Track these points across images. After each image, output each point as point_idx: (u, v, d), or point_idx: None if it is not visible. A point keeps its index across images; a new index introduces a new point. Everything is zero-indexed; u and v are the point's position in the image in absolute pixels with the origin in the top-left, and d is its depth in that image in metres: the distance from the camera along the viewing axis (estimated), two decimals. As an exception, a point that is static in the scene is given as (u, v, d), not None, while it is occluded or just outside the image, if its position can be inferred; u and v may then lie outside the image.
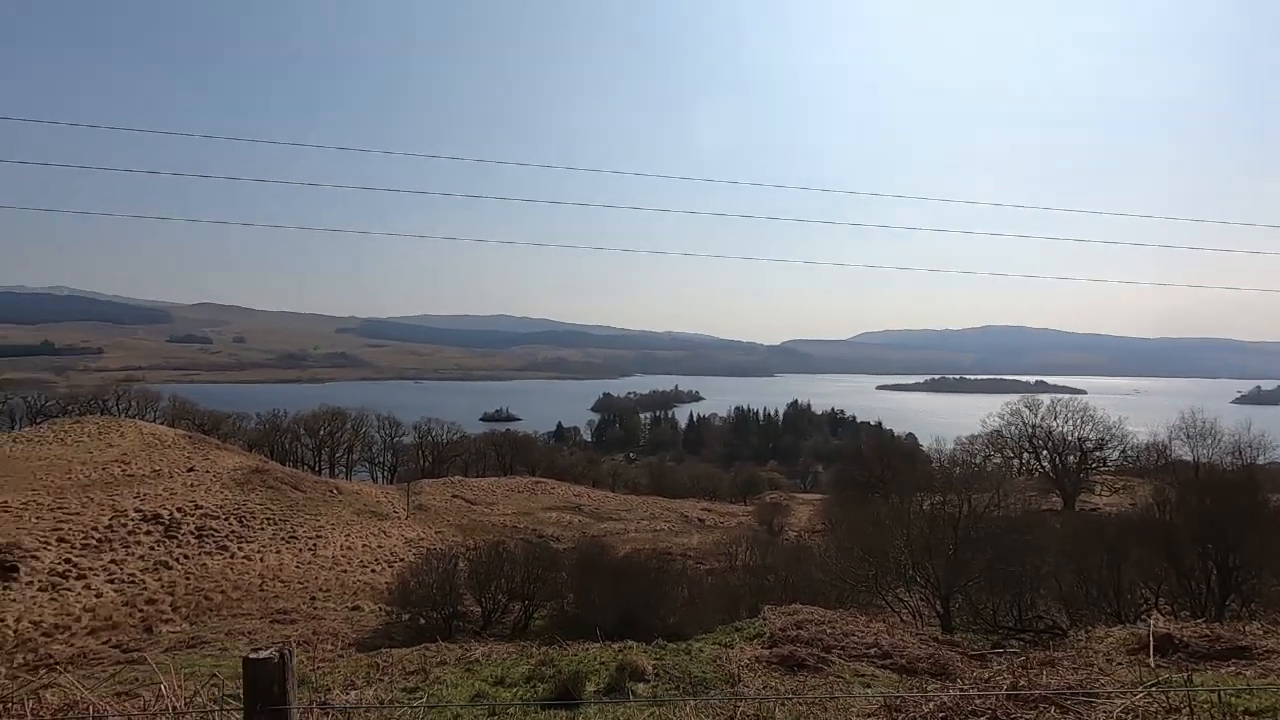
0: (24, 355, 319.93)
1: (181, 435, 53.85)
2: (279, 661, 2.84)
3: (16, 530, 29.72)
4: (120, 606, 26.16)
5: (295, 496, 42.98)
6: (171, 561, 30.51)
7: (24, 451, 44.70)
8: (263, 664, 2.82)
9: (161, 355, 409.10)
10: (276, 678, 2.81)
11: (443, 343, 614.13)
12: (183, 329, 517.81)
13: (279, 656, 2.85)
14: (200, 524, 34.34)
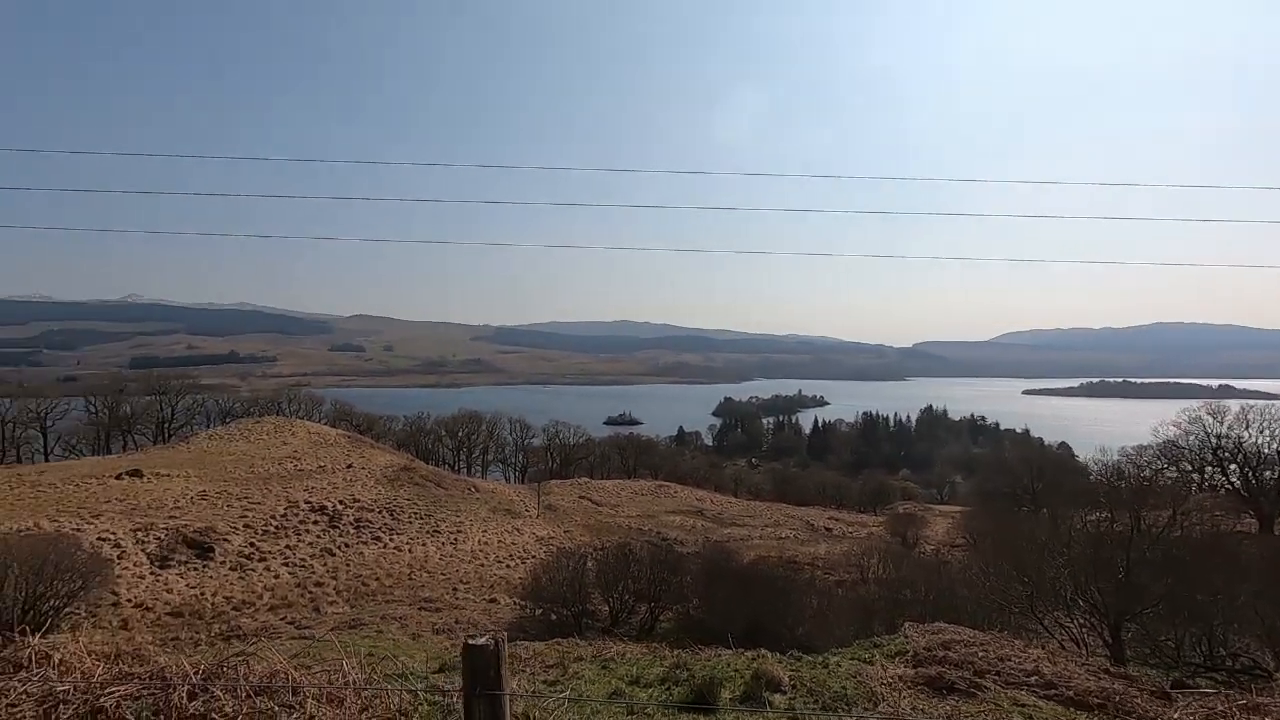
0: (216, 363, 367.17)
1: (342, 435, 59.47)
2: (494, 649, 3.07)
3: (213, 516, 34.07)
4: (293, 588, 29.23)
5: (438, 493, 46.12)
6: (335, 549, 33.69)
7: (217, 447, 51.22)
8: (480, 650, 3.06)
9: (324, 362, 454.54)
10: (492, 663, 3.04)
11: (570, 349, 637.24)
12: (342, 338, 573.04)
13: (494, 644, 3.09)
14: (358, 516, 37.68)
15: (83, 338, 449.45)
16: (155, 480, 39.36)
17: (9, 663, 5.24)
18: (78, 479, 38.86)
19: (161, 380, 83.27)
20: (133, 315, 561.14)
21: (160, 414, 75.67)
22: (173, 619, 25.02)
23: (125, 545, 29.20)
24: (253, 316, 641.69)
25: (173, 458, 47.26)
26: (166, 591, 26.95)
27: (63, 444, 70.26)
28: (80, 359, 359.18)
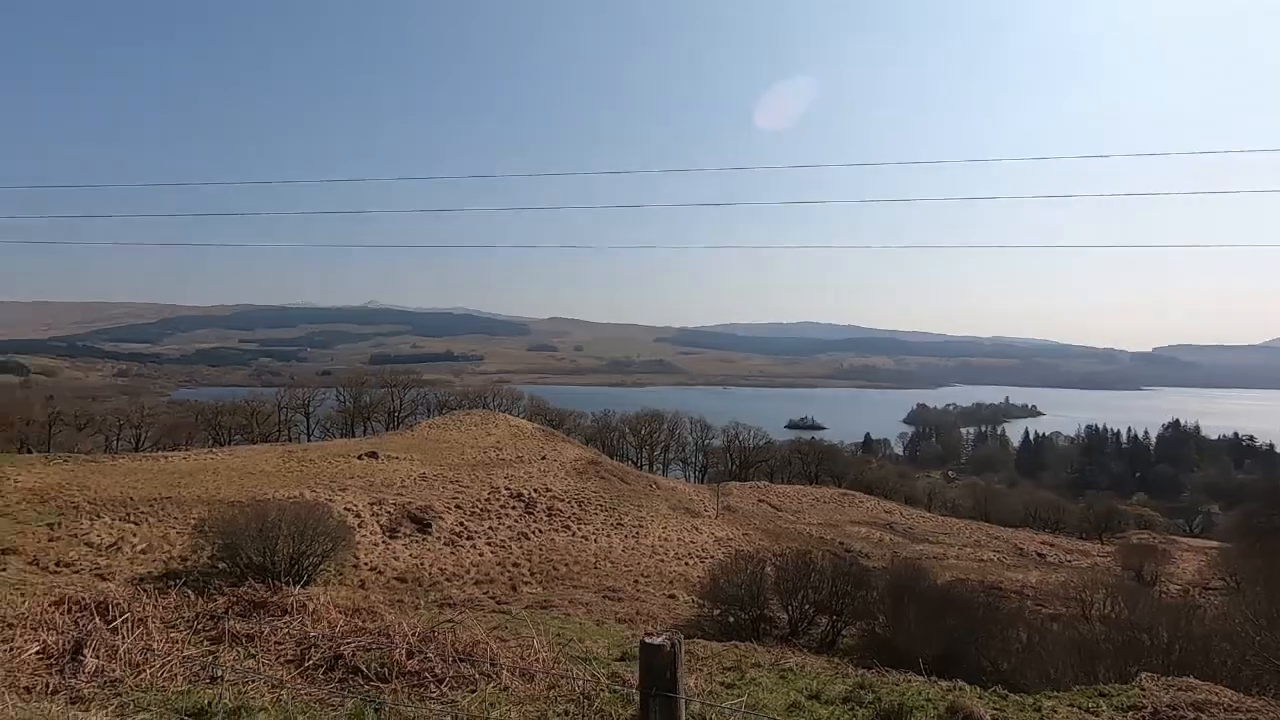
0: (435, 361, 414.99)
1: (537, 428, 64.30)
2: (670, 650, 3.02)
3: (430, 496, 38.51)
4: (494, 565, 32.12)
5: (622, 488, 48.09)
6: (529, 534, 36.47)
7: (436, 435, 57.82)
8: (657, 650, 3.02)
9: (523, 361, 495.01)
10: (669, 664, 3.01)
11: (749, 350, 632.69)
12: (538, 339, 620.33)
13: (670, 645, 3.03)
14: (550, 505, 40.45)
15: (336, 338, 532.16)
16: (387, 461, 45.39)
17: (278, 608, 6.30)
18: (330, 457, 46.01)
19: (393, 375, 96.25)
20: (372, 319, 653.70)
21: (392, 404, 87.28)
22: (399, 583, 28.68)
23: (364, 516, 34.01)
24: (465, 320, 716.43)
25: (401, 442, 54.18)
26: (394, 559, 30.95)
27: (320, 426, 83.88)
28: (333, 356, 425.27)
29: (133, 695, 4.25)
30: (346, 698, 4.08)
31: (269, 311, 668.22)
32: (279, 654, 5.10)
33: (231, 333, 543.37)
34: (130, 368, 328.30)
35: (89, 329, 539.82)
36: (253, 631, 5.51)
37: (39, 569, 24.43)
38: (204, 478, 38.45)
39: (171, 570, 25.04)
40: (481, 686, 4.02)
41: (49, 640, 5.16)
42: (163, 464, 42.31)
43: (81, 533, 28.44)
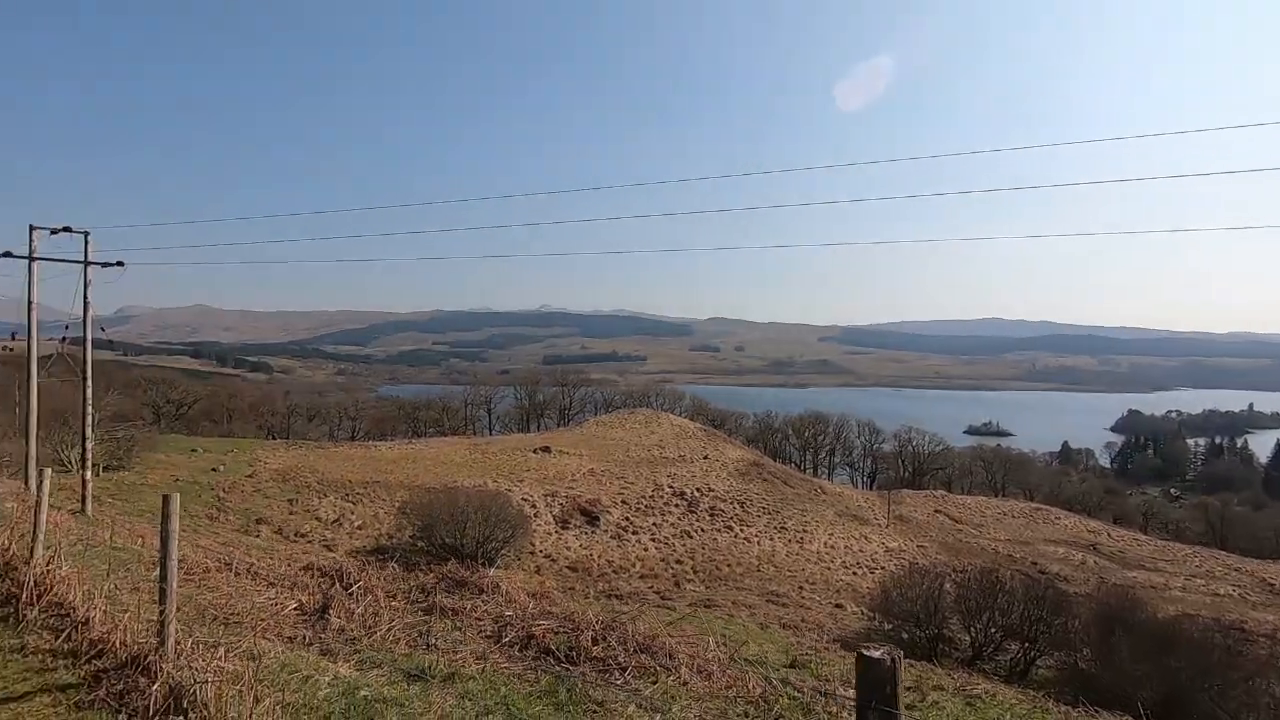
0: (601, 361, 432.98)
1: (699, 428, 64.83)
2: (890, 664, 2.96)
3: (598, 490, 40.30)
4: (659, 561, 32.92)
5: (785, 491, 47.09)
6: (692, 532, 36.92)
7: (602, 432, 60.38)
8: (877, 663, 2.97)
9: (685, 361, 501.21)
10: (888, 679, 2.96)
11: (923, 349, 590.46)
12: (700, 339, 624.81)
13: (890, 660, 2.97)
14: (712, 505, 40.65)
15: (513, 340, 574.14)
16: (559, 456, 48.18)
17: (476, 587, 6.98)
18: (509, 450, 49.75)
19: (563, 375, 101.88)
20: (545, 322, 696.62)
21: (562, 402, 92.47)
22: (570, 572, 30.37)
23: (539, 507, 36.39)
24: (628, 321, 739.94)
25: (571, 438, 57.25)
26: (566, 549, 32.80)
27: (500, 422, 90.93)
28: (511, 357, 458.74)
29: (368, 653, 4.97)
30: (541, 675, 4.47)
31: (458, 316, 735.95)
32: (479, 629, 5.66)
33: (426, 336, 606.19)
34: (347, 368, 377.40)
35: (316, 334, 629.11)
36: (457, 606, 6.16)
37: (282, 537, 28.91)
38: (405, 465, 43.27)
39: (381, 545, 28.43)
40: (662, 678, 4.20)
41: (303, 599, 6.12)
42: (372, 452, 48.24)
43: (312, 509, 33.26)
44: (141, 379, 79.13)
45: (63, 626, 5.68)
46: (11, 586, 6.92)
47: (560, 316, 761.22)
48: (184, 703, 3.93)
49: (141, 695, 4.14)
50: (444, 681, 4.38)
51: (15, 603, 6.34)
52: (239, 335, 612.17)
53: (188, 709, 3.88)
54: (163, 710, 3.97)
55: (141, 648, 4.75)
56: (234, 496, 33.23)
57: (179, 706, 3.94)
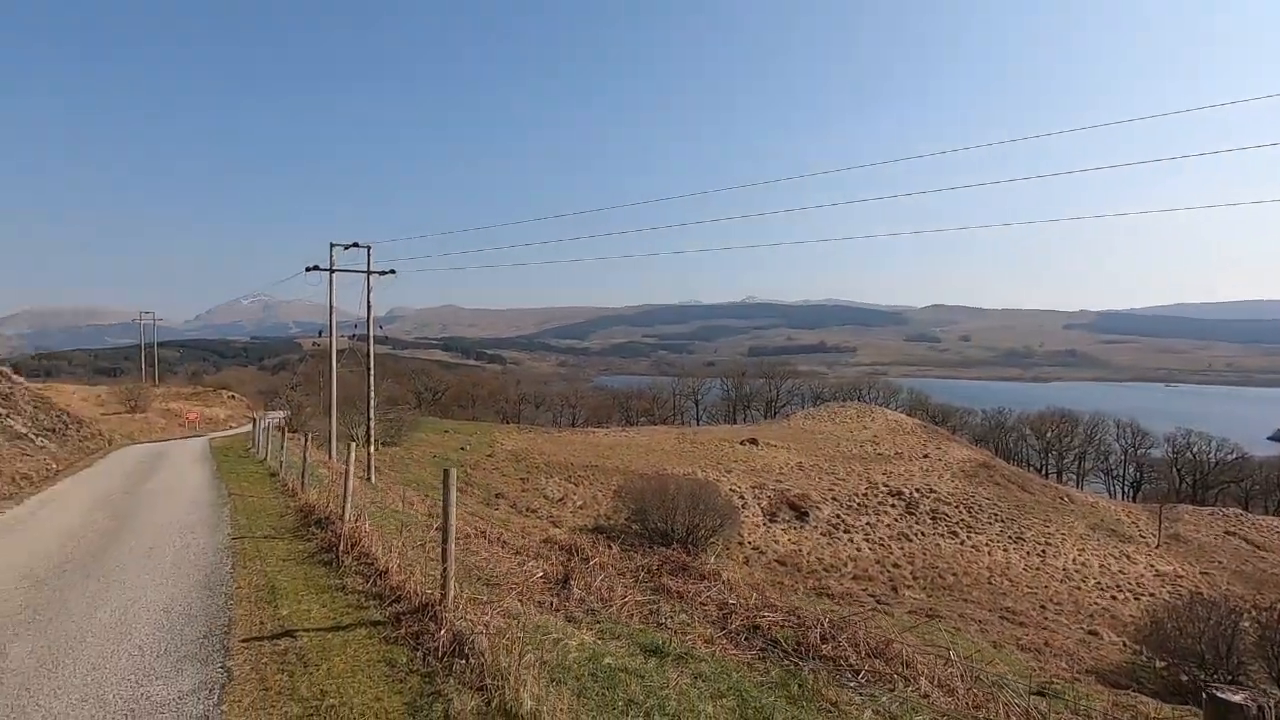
0: (807, 353, 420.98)
1: (917, 424, 60.32)
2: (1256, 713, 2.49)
3: (807, 485, 39.33)
4: (873, 563, 31.28)
5: (1022, 497, 42.10)
6: (910, 535, 34.53)
7: (810, 426, 58.77)
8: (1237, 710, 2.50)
9: (899, 352, 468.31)
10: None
11: (1205, 337, 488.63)
12: (916, 329, 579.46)
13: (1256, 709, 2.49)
14: (934, 507, 37.63)
15: (719, 332, 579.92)
16: (766, 449, 47.83)
17: (698, 573, 7.21)
18: (716, 441, 50.46)
19: (769, 367, 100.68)
20: (750, 313, 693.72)
21: (769, 394, 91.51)
22: (778, 565, 30.05)
23: (747, 499, 36.47)
24: (837, 311, 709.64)
25: (778, 432, 56.51)
26: (774, 542, 32.51)
27: (706, 413, 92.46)
28: (717, 349, 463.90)
29: (607, 624, 5.41)
30: (770, 666, 4.52)
31: (666, 310, 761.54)
32: (705, 614, 5.85)
33: (637, 329, 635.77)
34: (567, 359, 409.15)
35: (541, 328, 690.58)
36: (682, 590, 6.44)
37: (516, 511, 32.28)
38: (620, 451, 45.88)
39: (599, 525, 30.48)
40: (900, 687, 4.02)
41: (547, 569, 6.80)
42: (590, 438, 51.83)
43: (540, 487, 36.67)
44: (407, 369, 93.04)
45: (369, 573, 6.94)
46: (331, 537, 8.59)
47: (766, 308, 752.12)
48: (464, 648, 4.61)
49: (431, 638, 4.94)
50: (678, 660, 4.62)
51: (335, 550, 7.87)
52: (479, 330, 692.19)
53: (468, 654, 4.54)
54: (449, 652, 4.69)
55: (428, 597, 5.66)
56: (478, 473, 37.79)
57: (460, 651, 4.63)
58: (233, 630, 5.76)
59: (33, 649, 5.54)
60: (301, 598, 6.51)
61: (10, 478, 15.45)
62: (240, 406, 57.05)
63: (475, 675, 4.30)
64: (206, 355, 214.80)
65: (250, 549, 8.73)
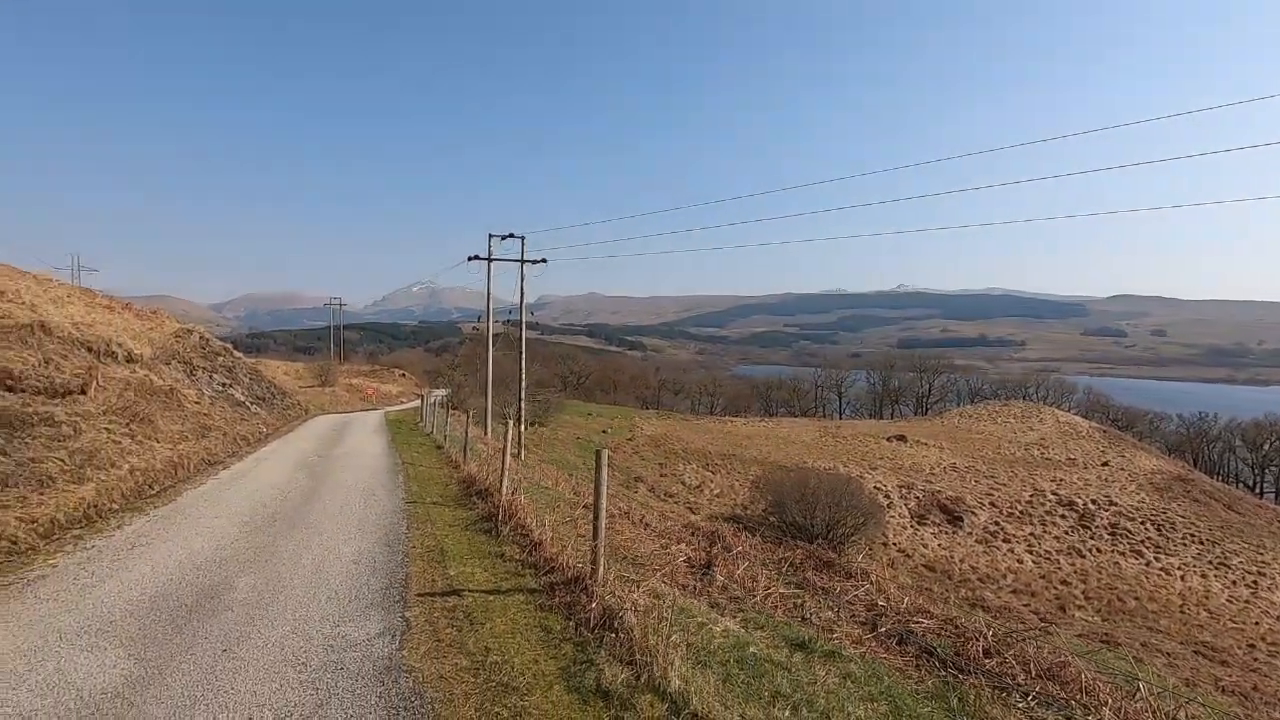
0: (966, 346, 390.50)
1: (1095, 428, 54.13)
2: None
3: (961, 488, 36.67)
4: (1037, 578, 28.57)
5: (1228, 517, 36.55)
6: (1084, 550, 31.14)
7: (966, 425, 54.62)
8: None
9: (1075, 347, 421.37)
10: None
11: None
12: (1097, 322, 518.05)
13: None
14: (1114, 521, 33.68)
15: (866, 322, 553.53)
16: (915, 447, 45.13)
17: (844, 570, 7.00)
18: (860, 436, 48.35)
19: (922, 360, 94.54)
20: (901, 303, 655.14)
21: (920, 389, 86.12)
22: (926, 570, 28.31)
23: (893, 498, 34.67)
24: (1002, 300, 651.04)
25: (929, 429, 53.07)
26: (922, 546, 30.67)
27: (851, 406, 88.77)
28: (863, 339, 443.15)
29: (750, 614, 5.41)
30: (925, 675, 4.29)
31: (808, 299, 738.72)
32: (852, 613, 5.67)
33: (777, 318, 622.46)
34: (706, 348, 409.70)
35: (681, 316, 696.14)
36: (827, 586, 6.27)
37: (654, 495, 32.95)
38: (758, 441, 45.31)
39: (735, 514, 30.37)
40: (1078, 715, 3.66)
41: (690, 554, 6.89)
42: (729, 427, 51.61)
43: (678, 474, 37.13)
44: (553, 354, 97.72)
45: (524, 543, 7.42)
46: (490, 507, 9.27)
47: (918, 297, 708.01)
48: (614, 623, 4.82)
49: (583, 610, 5.20)
50: (825, 657, 4.52)
51: (494, 520, 8.49)
52: (621, 318, 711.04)
53: (617, 629, 4.74)
54: (599, 625, 4.93)
55: (579, 571, 5.96)
56: (618, 456, 38.95)
57: (610, 624, 4.84)
58: (409, 585, 6.41)
59: (254, 584, 6.49)
60: (466, 561, 7.11)
61: (233, 438, 18.13)
62: (409, 384, 62.88)
63: (624, 650, 4.48)
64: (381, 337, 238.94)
65: (421, 513, 9.64)
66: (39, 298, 20.78)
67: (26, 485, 9.84)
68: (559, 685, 4.30)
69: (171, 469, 13.29)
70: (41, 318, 17.94)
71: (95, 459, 12.37)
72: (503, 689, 4.29)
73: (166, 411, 17.52)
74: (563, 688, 4.27)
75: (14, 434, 11.50)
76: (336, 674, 4.61)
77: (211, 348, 27.63)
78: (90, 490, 10.41)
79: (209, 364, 25.53)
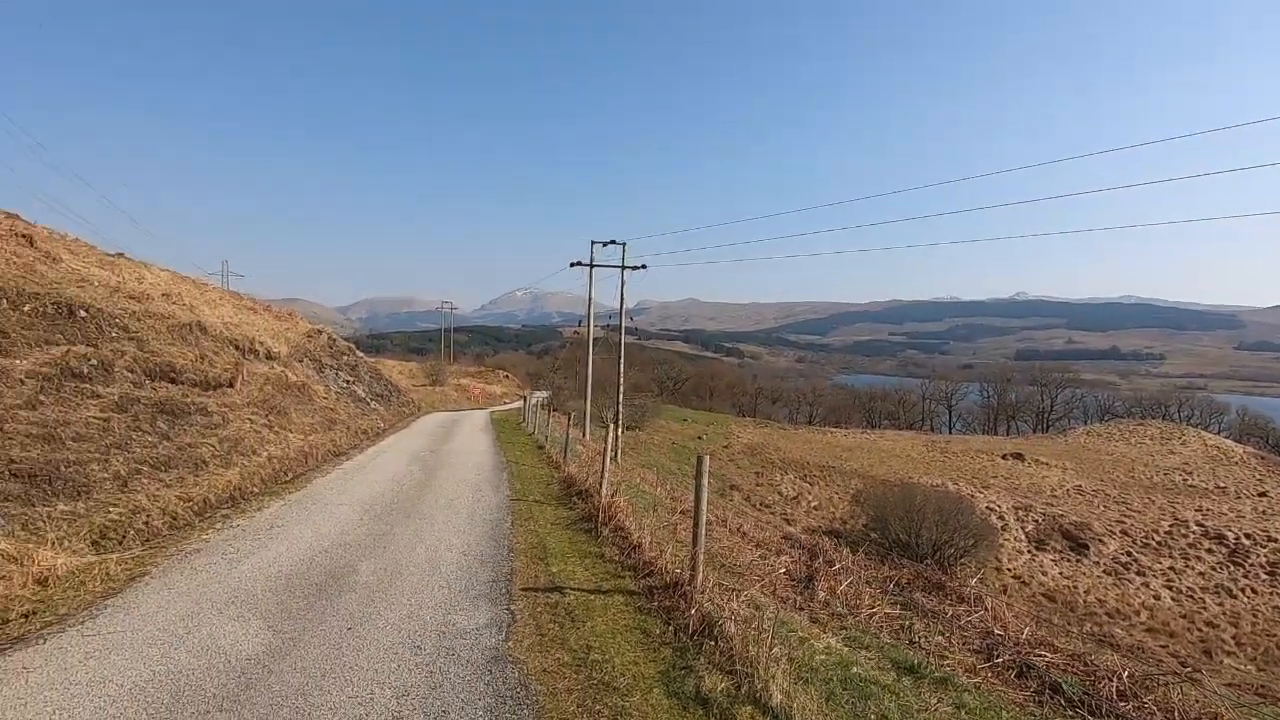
0: (1095, 359, 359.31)
1: (1251, 453, 48.40)
2: None
3: (1088, 513, 33.76)
4: (1177, 617, 25.82)
5: None
6: (1235, 590, 27.85)
7: (1094, 444, 50.27)
8: None
9: (1228, 363, 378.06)
10: None
11: None
12: (1254, 335, 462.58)
13: None
14: (1274, 559, 29.92)
15: (979, 331, 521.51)
16: (1034, 466, 41.99)
17: (956, 595, 6.63)
18: (971, 452, 45.55)
19: (1043, 373, 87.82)
20: (1019, 311, 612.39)
21: (1040, 404, 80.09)
22: (1046, 600, 26.22)
23: (1008, 520, 32.40)
24: (1138, 310, 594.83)
25: (1050, 447, 49.24)
26: (1041, 573, 28.45)
27: (961, 420, 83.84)
28: (976, 350, 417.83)
29: (854, 632, 5.23)
30: (1049, 713, 3.99)
31: (916, 306, 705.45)
32: (964, 640, 5.36)
33: (882, 326, 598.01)
34: (806, 355, 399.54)
35: (781, 323, 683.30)
36: (937, 610, 5.97)
37: (750, 505, 32.46)
38: (859, 454, 43.66)
39: (833, 528, 29.40)
40: (1232, 773, 3.29)
41: (790, 566, 6.75)
42: (828, 438, 50.06)
43: (774, 483, 36.40)
44: (651, 359, 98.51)
45: (624, 545, 7.53)
46: (590, 508, 9.47)
47: (1039, 305, 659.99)
48: (713, 630, 4.81)
49: (681, 615, 5.22)
50: (936, 684, 4.30)
51: (594, 521, 8.67)
52: (719, 324, 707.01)
53: (716, 637, 4.73)
54: (698, 631, 4.93)
55: (677, 576, 5.98)
56: (713, 463, 38.67)
57: (709, 632, 4.84)
58: (514, 579, 6.66)
59: (374, 569, 6.96)
60: (567, 559, 7.31)
61: (355, 431, 19.52)
62: (513, 385, 65.34)
63: (724, 659, 4.46)
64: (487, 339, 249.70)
65: (524, 510, 10.00)
66: (196, 300, 23.23)
67: (184, 467, 11.02)
68: (658, 689, 4.34)
69: (303, 458, 14.47)
70: (199, 318, 20.05)
71: (240, 446, 13.68)
72: (604, 688, 4.38)
73: (299, 405, 19.11)
74: (662, 691, 4.30)
75: (175, 421, 12.90)
76: (448, 660, 4.86)
77: (337, 347, 29.88)
78: (235, 474, 11.53)
79: (335, 362, 27.62)
